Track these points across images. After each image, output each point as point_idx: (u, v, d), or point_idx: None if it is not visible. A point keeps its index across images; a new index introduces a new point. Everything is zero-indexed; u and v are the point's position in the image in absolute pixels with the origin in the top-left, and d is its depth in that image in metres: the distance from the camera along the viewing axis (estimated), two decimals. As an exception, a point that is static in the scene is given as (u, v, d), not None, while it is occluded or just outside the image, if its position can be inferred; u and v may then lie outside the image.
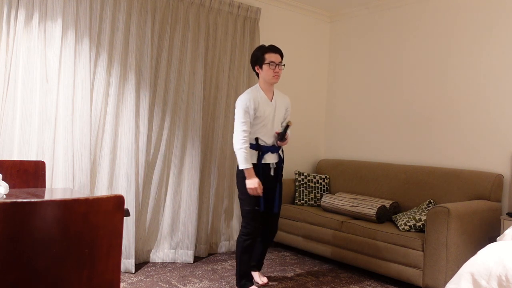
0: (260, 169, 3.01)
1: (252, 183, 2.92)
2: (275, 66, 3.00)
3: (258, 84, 3.10)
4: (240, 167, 2.96)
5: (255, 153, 3.03)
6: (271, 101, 3.08)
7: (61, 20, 3.21)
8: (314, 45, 5.04)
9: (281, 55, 3.06)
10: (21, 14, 3.07)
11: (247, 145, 2.94)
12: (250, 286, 3.03)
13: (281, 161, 3.16)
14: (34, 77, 3.14)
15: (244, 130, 2.93)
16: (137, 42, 3.56)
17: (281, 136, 3.08)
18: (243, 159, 2.92)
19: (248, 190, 2.94)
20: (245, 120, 2.95)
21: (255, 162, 3.01)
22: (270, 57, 3.00)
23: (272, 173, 3.11)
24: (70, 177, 3.24)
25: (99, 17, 3.41)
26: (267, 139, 3.07)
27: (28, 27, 3.11)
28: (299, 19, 4.88)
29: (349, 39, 4.93)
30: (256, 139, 3.03)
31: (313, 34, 5.03)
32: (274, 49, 3.04)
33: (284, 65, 3.09)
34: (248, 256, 3.02)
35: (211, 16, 4.03)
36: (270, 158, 3.09)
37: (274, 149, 3.10)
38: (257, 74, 3.11)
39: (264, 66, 3.01)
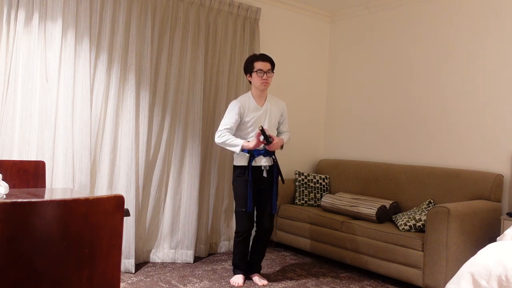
0: (250, 171, 3.16)
1: (249, 144, 3.08)
2: (263, 74, 3.17)
3: (250, 91, 3.30)
4: (238, 150, 3.11)
5: (246, 156, 3.19)
6: (261, 106, 3.26)
7: (61, 20, 3.20)
8: (314, 45, 5.04)
9: (271, 63, 3.24)
10: (21, 14, 3.06)
11: (230, 135, 3.14)
12: (237, 274, 3.30)
13: (274, 164, 3.28)
14: (34, 77, 3.13)
15: (226, 128, 3.16)
16: (137, 42, 3.56)
17: (266, 141, 3.15)
18: (233, 144, 3.12)
19: (250, 144, 3.08)
20: (230, 120, 3.17)
21: (245, 164, 3.18)
22: (258, 65, 3.19)
23: (265, 175, 3.23)
24: (70, 177, 3.24)
25: (99, 17, 3.41)
26: None
27: (28, 27, 3.11)
28: (299, 19, 4.88)
29: (349, 39, 4.93)
30: None
31: (313, 34, 5.03)
32: (263, 58, 3.22)
33: (273, 72, 3.24)
34: (240, 251, 3.27)
35: (211, 16, 4.03)
36: (262, 161, 3.24)
37: (266, 152, 3.23)
38: (250, 82, 3.29)
39: (253, 74, 3.21)
